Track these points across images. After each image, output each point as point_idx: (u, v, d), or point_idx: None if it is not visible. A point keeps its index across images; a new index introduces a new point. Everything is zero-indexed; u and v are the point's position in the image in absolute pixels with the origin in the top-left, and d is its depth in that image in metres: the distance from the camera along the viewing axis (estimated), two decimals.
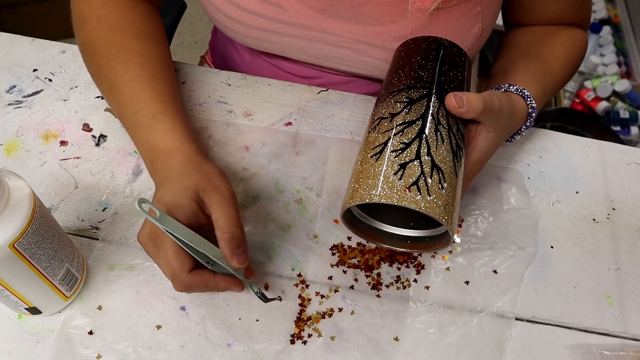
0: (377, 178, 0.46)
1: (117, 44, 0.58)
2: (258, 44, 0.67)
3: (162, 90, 0.57)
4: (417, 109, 0.48)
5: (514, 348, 0.54)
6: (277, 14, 0.62)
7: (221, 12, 0.64)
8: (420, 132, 0.47)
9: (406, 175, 0.45)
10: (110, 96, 0.58)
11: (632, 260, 0.61)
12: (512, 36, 0.70)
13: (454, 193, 0.47)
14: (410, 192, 0.44)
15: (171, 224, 0.46)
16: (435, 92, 0.49)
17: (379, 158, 0.47)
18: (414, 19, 0.60)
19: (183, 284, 0.48)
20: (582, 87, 1.64)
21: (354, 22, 0.62)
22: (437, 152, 0.46)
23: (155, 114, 0.55)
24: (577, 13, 0.69)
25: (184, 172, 0.51)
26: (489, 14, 0.63)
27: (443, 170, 0.46)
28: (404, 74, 0.52)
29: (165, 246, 0.48)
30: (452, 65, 0.52)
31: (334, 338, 0.53)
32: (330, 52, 0.65)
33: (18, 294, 0.47)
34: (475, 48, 0.64)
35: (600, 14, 1.73)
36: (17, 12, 1.74)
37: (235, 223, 0.48)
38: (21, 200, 0.43)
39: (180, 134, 0.54)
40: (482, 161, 0.53)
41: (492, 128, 0.52)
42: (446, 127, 0.48)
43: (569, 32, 0.68)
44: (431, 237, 0.53)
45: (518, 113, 0.57)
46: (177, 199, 0.48)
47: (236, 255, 0.47)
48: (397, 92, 0.50)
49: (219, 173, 0.51)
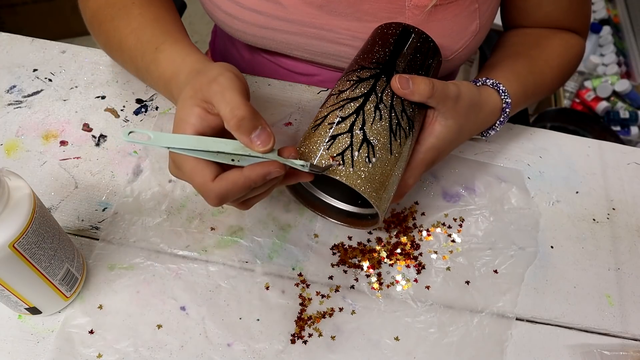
0: (310, 147, 0.48)
1: (117, 4, 0.58)
2: (257, 41, 0.67)
3: (162, 26, 0.55)
4: (362, 87, 0.50)
5: (514, 348, 0.54)
6: (276, 11, 0.62)
7: (220, 9, 0.64)
8: (359, 108, 0.48)
9: (334, 146, 0.47)
10: (121, 55, 0.57)
11: (632, 260, 0.61)
12: (507, 37, 0.71)
13: (386, 169, 0.48)
14: (333, 161, 0.46)
15: (170, 138, 0.42)
16: (385, 73, 0.50)
17: (317, 130, 0.48)
18: (411, 15, 0.60)
19: (214, 196, 0.43)
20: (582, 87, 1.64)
21: (352, 19, 0.62)
22: (372, 128, 0.48)
23: (158, 46, 0.53)
24: (573, 17, 0.69)
25: (186, 84, 0.47)
26: (487, 11, 0.63)
27: (374, 146, 0.47)
28: (362, 56, 0.53)
29: (183, 163, 0.43)
30: (413, 52, 0.53)
31: (335, 338, 0.53)
32: (328, 49, 0.66)
33: (18, 294, 0.47)
34: (473, 45, 0.65)
35: (600, 14, 1.73)
36: (17, 12, 1.74)
37: (238, 105, 0.42)
38: (21, 200, 0.43)
39: (183, 52, 0.52)
40: (439, 148, 0.53)
41: (450, 115, 0.52)
42: (388, 107, 0.49)
43: (564, 36, 0.69)
44: (372, 215, 0.54)
45: (489, 106, 0.57)
46: (180, 114, 0.45)
47: (255, 137, 0.42)
48: (352, 72, 0.52)
49: (221, 65, 0.46)
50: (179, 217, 0.59)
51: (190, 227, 0.58)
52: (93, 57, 0.70)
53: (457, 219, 0.62)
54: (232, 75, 0.45)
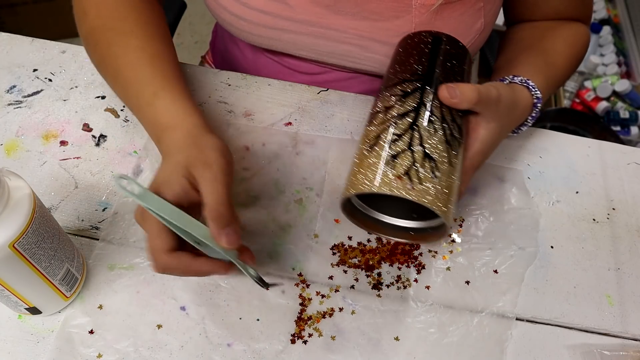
0: (370, 169, 0.47)
1: (117, 29, 0.57)
2: (262, 42, 0.67)
3: (162, 69, 0.55)
4: (410, 101, 0.49)
5: (514, 348, 0.54)
6: (283, 11, 0.62)
7: (226, 9, 0.64)
8: (413, 123, 0.48)
9: (398, 166, 0.46)
10: (115, 83, 0.57)
11: (632, 260, 0.61)
12: (514, 32, 0.71)
13: (449, 182, 0.47)
14: (401, 181, 0.45)
15: (154, 201, 0.43)
16: (429, 84, 0.50)
17: (373, 150, 0.48)
18: (417, 14, 0.60)
19: (160, 265, 0.46)
20: (582, 87, 1.64)
21: (358, 18, 0.62)
22: (430, 142, 0.47)
23: (156, 91, 0.53)
24: (578, 8, 0.69)
25: (180, 148, 0.48)
26: (491, 9, 0.63)
27: (435, 160, 0.47)
28: (400, 68, 0.53)
29: (148, 223, 0.45)
30: (448, 58, 0.53)
31: (335, 338, 0.53)
32: (334, 48, 0.66)
33: (18, 294, 0.47)
34: (477, 44, 0.65)
35: (600, 14, 1.73)
36: (17, 12, 1.74)
37: (222, 200, 0.44)
38: (21, 200, 0.43)
39: (182, 108, 0.52)
40: (484, 152, 0.53)
41: (492, 118, 0.52)
42: (440, 117, 0.49)
43: (572, 26, 0.69)
44: (432, 228, 0.53)
45: (522, 103, 0.57)
46: (167, 176, 0.46)
47: (224, 235, 0.44)
48: (393, 86, 0.51)
49: (217, 147, 0.48)
50: None
51: None
52: None
53: (457, 219, 0.62)
54: (224, 163, 0.47)
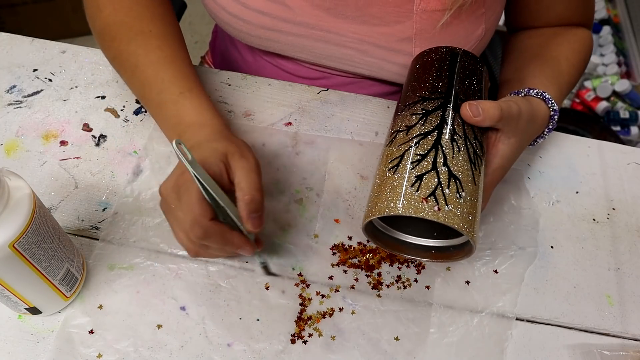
0: (395, 191, 0.46)
1: (135, 28, 0.59)
2: (261, 43, 0.67)
3: (184, 70, 0.58)
4: (432, 120, 0.48)
5: (514, 348, 0.54)
6: (283, 12, 0.62)
7: (225, 10, 0.64)
8: (436, 143, 0.47)
9: (423, 187, 0.45)
10: (132, 79, 0.59)
11: (632, 260, 0.61)
12: (519, 40, 0.70)
13: (474, 201, 0.46)
14: (427, 203, 0.44)
15: (201, 172, 0.47)
16: (450, 102, 0.49)
17: (397, 171, 0.47)
18: (419, 20, 0.60)
19: (203, 230, 0.48)
20: (582, 87, 1.64)
21: (359, 22, 0.62)
22: (454, 161, 0.46)
23: (182, 91, 0.57)
24: (582, 13, 0.69)
25: (214, 139, 0.53)
26: (492, 15, 0.63)
27: (460, 180, 0.46)
28: (419, 86, 0.52)
29: (189, 193, 0.48)
30: (467, 74, 0.52)
31: (335, 338, 0.53)
32: (334, 51, 0.65)
33: (18, 294, 0.47)
34: (478, 49, 0.65)
35: (600, 14, 1.73)
36: (17, 12, 1.74)
37: (257, 187, 0.48)
38: (21, 200, 0.43)
39: (208, 110, 0.56)
40: (504, 167, 0.53)
41: (513, 134, 0.52)
42: (462, 136, 0.48)
43: (576, 32, 0.68)
44: (454, 246, 0.52)
45: (540, 117, 0.57)
46: (205, 157, 0.49)
47: (252, 218, 0.48)
48: (413, 104, 0.50)
49: (247, 146, 0.53)
50: None
51: None
52: (93, 57, 0.70)
53: None
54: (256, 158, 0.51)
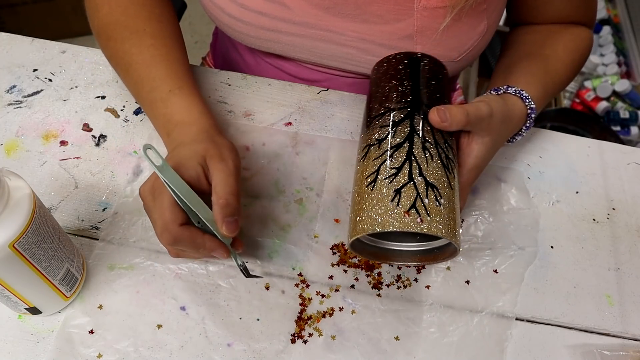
0: (376, 207, 0.46)
1: (130, 27, 0.59)
2: (261, 44, 0.67)
3: (176, 69, 0.58)
4: (401, 130, 0.48)
5: (514, 348, 0.54)
6: (282, 12, 0.62)
7: (224, 11, 0.64)
8: (409, 153, 0.47)
9: (403, 200, 0.45)
10: (126, 77, 0.60)
11: (632, 260, 0.61)
12: (517, 35, 0.70)
13: (452, 205, 0.47)
14: (410, 217, 0.45)
15: (172, 176, 0.47)
16: (417, 110, 0.49)
17: (375, 187, 0.47)
18: (419, 17, 0.60)
19: (171, 236, 0.48)
20: (582, 87, 1.64)
21: (359, 20, 0.62)
22: (429, 170, 0.46)
23: (172, 89, 0.57)
24: (582, 12, 0.69)
25: (197, 139, 0.52)
26: (494, 11, 0.63)
27: (437, 187, 0.46)
28: (383, 97, 0.52)
29: (162, 197, 0.48)
30: (429, 79, 0.52)
31: (335, 337, 0.53)
32: (334, 51, 0.65)
33: (18, 294, 0.47)
34: (480, 46, 0.64)
35: (600, 14, 1.73)
36: (17, 12, 1.74)
37: (233, 191, 0.48)
38: (21, 200, 0.43)
39: (197, 108, 0.56)
40: (479, 166, 0.53)
41: (486, 134, 0.52)
42: (433, 142, 0.48)
43: (574, 31, 0.68)
44: (439, 247, 0.52)
45: (516, 114, 0.57)
46: (183, 160, 0.49)
47: (227, 222, 0.47)
48: (380, 116, 0.50)
49: (230, 147, 0.52)
50: None
51: None
52: (93, 57, 0.70)
53: None
54: (237, 163, 0.51)
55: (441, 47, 0.62)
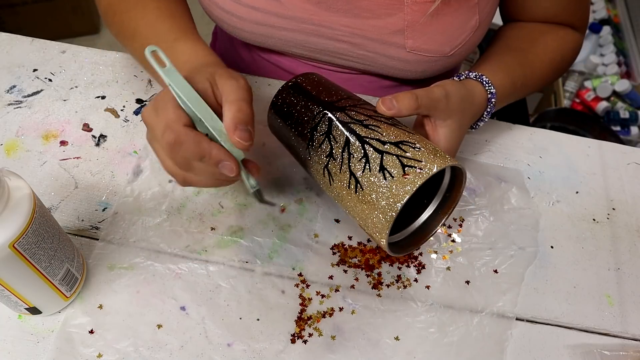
0: (379, 198, 0.47)
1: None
2: (255, 39, 0.67)
3: (180, 23, 0.58)
4: (337, 131, 0.50)
5: (514, 348, 0.54)
6: (274, 7, 0.62)
7: (218, 6, 0.64)
8: (359, 139, 0.49)
9: (391, 170, 0.47)
10: (133, 44, 0.60)
11: (632, 260, 0.61)
12: (504, 30, 0.71)
13: (430, 144, 0.49)
14: (409, 175, 0.46)
15: (178, 80, 0.43)
16: (331, 111, 0.51)
17: (361, 186, 0.48)
18: (409, 12, 0.60)
19: (174, 134, 0.43)
20: (582, 87, 1.64)
21: (350, 15, 0.62)
22: (384, 135, 0.48)
23: (177, 37, 0.56)
24: (571, 12, 0.69)
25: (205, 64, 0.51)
26: (486, 6, 0.63)
27: (404, 140, 0.48)
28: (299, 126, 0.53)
29: (166, 105, 0.44)
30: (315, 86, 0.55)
31: (335, 337, 0.53)
32: (327, 45, 0.66)
33: (18, 294, 0.47)
34: (473, 41, 0.64)
35: (600, 14, 1.73)
36: (17, 12, 1.74)
37: (246, 100, 0.44)
38: (21, 200, 0.43)
39: (203, 50, 0.55)
40: (451, 150, 0.54)
41: (446, 115, 0.53)
42: (369, 117, 0.50)
43: (559, 32, 0.69)
44: (448, 190, 0.54)
45: (477, 98, 0.58)
46: (191, 73, 0.47)
47: (239, 130, 0.42)
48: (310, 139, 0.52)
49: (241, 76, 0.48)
50: (179, 217, 0.59)
51: (190, 227, 0.58)
52: (93, 57, 0.70)
53: (457, 218, 0.62)
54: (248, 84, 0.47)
55: (432, 41, 0.62)
